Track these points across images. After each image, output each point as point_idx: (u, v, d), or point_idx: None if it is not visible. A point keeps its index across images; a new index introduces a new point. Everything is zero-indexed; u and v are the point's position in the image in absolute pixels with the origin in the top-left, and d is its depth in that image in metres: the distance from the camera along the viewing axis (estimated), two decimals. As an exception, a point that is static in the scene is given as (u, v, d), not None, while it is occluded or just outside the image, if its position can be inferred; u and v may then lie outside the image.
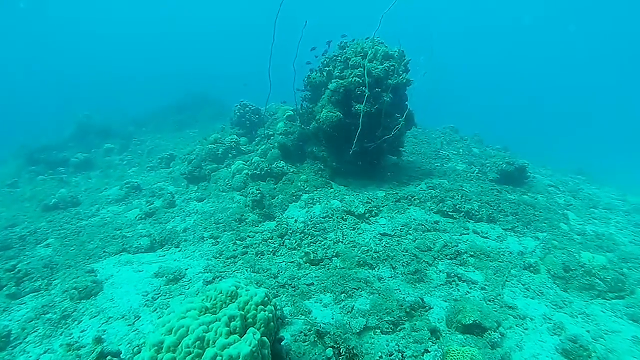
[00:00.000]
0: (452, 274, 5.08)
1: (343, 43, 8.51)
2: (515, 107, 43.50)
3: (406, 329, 4.02)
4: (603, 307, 4.77)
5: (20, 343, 4.19)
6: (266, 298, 2.64)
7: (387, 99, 7.48)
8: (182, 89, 22.53)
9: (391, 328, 4.00)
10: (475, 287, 4.92)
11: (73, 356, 3.64)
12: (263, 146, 9.54)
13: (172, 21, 62.54)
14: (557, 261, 5.43)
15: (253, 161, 8.54)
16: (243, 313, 2.47)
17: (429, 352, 3.68)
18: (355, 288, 4.68)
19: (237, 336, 2.26)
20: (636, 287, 5.09)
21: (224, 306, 2.55)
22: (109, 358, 2.94)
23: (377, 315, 4.15)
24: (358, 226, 6.36)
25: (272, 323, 2.58)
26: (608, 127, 36.30)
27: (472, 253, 5.65)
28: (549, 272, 5.35)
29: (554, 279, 5.24)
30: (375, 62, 7.66)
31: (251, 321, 2.49)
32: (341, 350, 3.36)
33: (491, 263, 5.48)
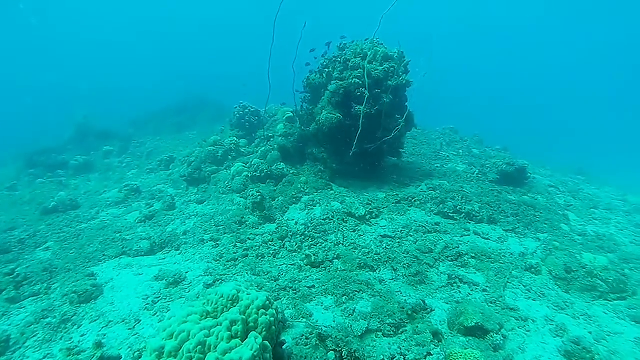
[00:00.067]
0: (454, 276, 5.07)
1: (342, 44, 8.49)
2: (515, 107, 43.64)
3: (408, 332, 4.00)
4: (605, 308, 4.75)
5: (19, 348, 4.16)
6: (267, 301, 2.63)
7: (387, 100, 7.47)
8: (181, 91, 22.61)
9: (393, 331, 3.98)
10: (476, 289, 4.91)
11: (73, 361, 3.61)
12: (263, 148, 9.53)
13: (172, 22, 62.71)
14: (559, 262, 5.42)
15: (253, 163, 8.51)
16: (244, 317, 2.46)
17: (432, 355, 3.66)
18: (356, 290, 4.66)
19: (239, 340, 2.25)
20: (638, 288, 5.07)
21: (225, 310, 2.53)
22: (109, 363, 2.92)
23: (379, 317, 4.13)
24: (358, 228, 6.34)
25: (274, 327, 2.57)
26: (608, 127, 36.42)
27: (473, 254, 5.63)
28: (551, 273, 5.34)
29: (556, 280, 5.23)
30: (374, 63, 7.65)
31: (252, 325, 2.47)
32: (343, 353, 3.34)
33: (492, 264, 5.46)
